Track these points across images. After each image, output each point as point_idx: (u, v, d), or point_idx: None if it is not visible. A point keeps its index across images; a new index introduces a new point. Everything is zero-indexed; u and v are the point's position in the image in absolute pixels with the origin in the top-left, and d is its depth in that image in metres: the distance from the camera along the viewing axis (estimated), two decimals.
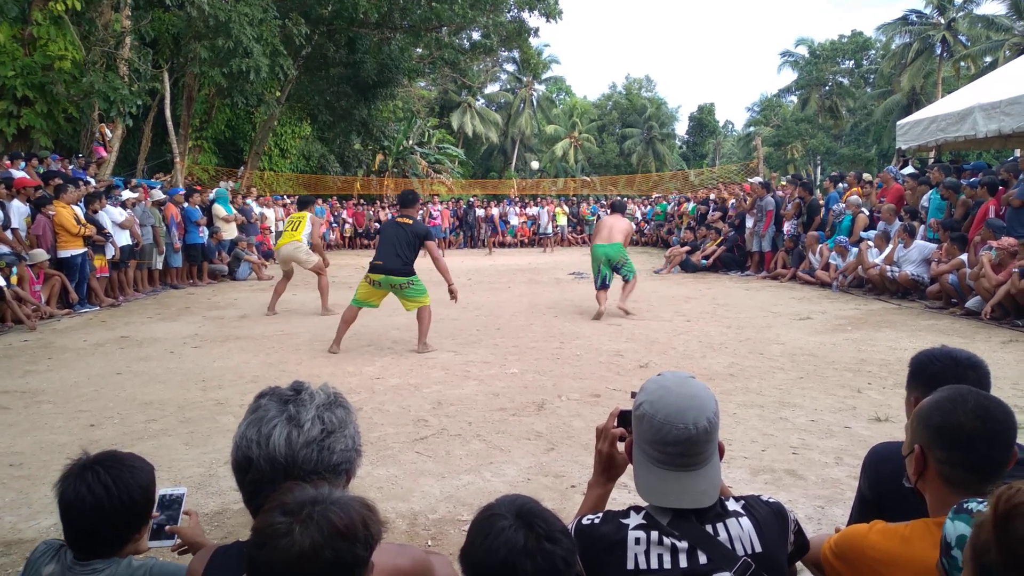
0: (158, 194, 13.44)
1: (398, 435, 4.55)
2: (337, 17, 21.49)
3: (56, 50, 13.09)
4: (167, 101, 17.60)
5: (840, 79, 53.89)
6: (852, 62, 54.02)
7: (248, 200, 17.30)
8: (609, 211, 10.70)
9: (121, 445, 4.34)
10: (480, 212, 27.55)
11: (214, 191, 16.17)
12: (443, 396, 5.48)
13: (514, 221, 27.66)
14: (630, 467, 1.77)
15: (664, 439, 1.58)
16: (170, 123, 17.88)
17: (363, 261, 20.24)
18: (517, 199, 31.88)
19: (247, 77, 15.93)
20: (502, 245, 27.08)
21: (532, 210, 27.92)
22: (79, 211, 10.47)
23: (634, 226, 10.68)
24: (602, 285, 9.42)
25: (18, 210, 9.67)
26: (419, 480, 3.83)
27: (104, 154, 15.57)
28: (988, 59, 35.68)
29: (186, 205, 13.84)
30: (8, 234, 9.29)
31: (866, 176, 14.59)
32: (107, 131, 15.91)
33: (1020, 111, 10.46)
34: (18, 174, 10.94)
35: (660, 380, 1.67)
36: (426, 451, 4.27)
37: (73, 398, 5.54)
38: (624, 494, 3.36)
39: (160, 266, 12.96)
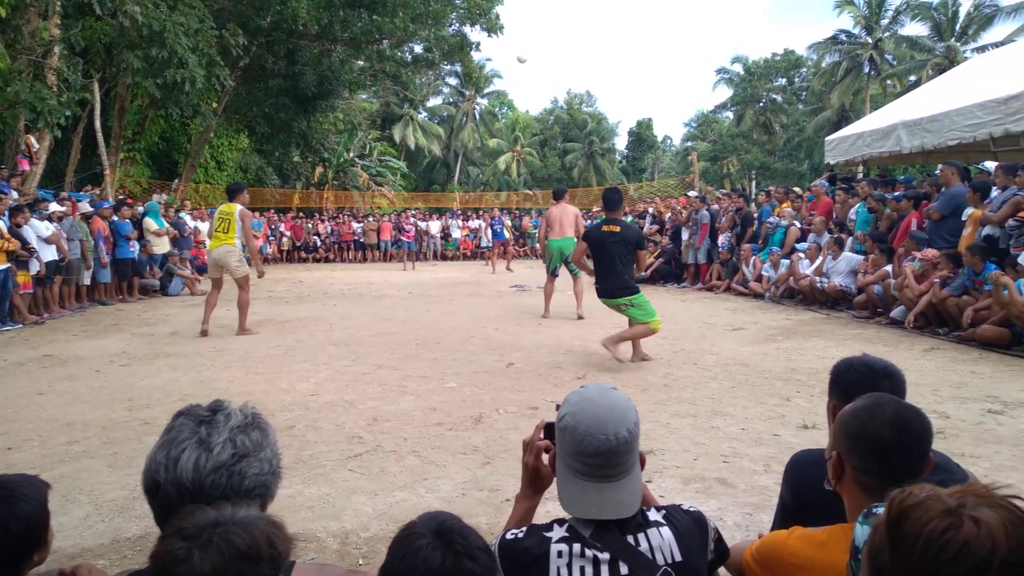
0: (86, 207, 13.00)
1: (331, 453, 4.48)
2: (276, 28, 21.20)
3: None
4: (97, 112, 17.08)
5: (774, 96, 55.49)
6: (785, 80, 55.69)
7: (182, 213, 16.89)
8: (554, 201, 10.91)
9: (40, 468, 4.18)
10: (423, 225, 27.45)
11: (145, 204, 15.75)
12: (379, 412, 5.42)
13: (456, 234, 27.64)
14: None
15: (585, 451, 1.59)
16: (100, 134, 17.35)
17: (301, 275, 20.07)
18: (460, 212, 31.88)
19: (182, 88, 15.55)
20: (444, 258, 27.04)
21: (475, 223, 27.96)
22: (2, 225, 10.07)
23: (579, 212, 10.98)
24: (553, 273, 10.48)
25: None
26: (352, 498, 3.78)
27: (27, 166, 15.01)
28: (913, 78, 37.22)
29: (115, 218, 13.43)
30: None
31: (796, 189, 15.03)
32: (33, 142, 15.36)
33: (940, 128, 10.93)
34: None
35: (582, 392, 1.69)
36: (360, 468, 4.21)
37: None
38: (556, 507, 3.38)
39: (88, 281, 12.52)
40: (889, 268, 9.43)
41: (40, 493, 1.69)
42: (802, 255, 11.51)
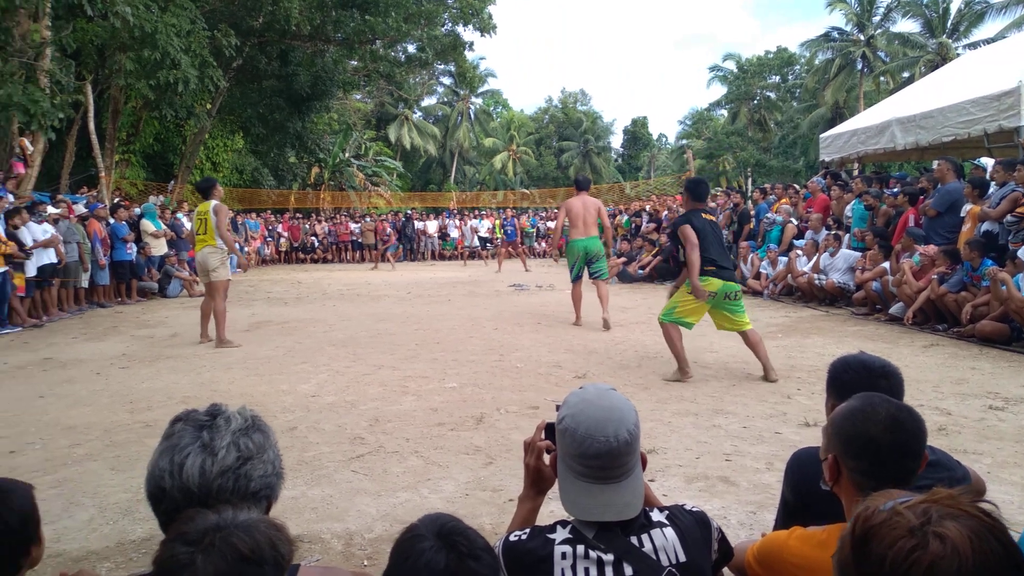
0: (82, 210, 12.97)
1: (333, 454, 4.48)
2: (269, 29, 21.15)
3: None
4: (91, 114, 17.02)
5: (768, 93, 55.55)
6: (778, 77, 55.75)
7: (179, 215, 16.86)
8: (576, 189, 9.57)
9: (43, 471, 4.18)
10: (419, 224, 27.45)
11: (142, 206, 15.71)
12: (380, 413, 5.42)
13: (454, 234, 27.64)
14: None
15: (586, 452, 1.60)
16: (94, 136, 17.28)
17: (299, 276, 20.06)
18: (456, 211, 31.88)
19: (175, 89, 15.50)
20: (442, 257, 27.04)
21: (473, 222, 27.97)
22: None
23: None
24: (577, 277, 9.45)
25: None
26: (355, 499, 3.78)
27: (22, 169, 14.95)
28: (906, 74, 37.26)
29: (112, 221, 13.40)
30: None
31: (794, 186, 15.06)
32: (27, 145, 15.29)
33: (934, 124, 10.96)
34: None
35: (581, 393, 1.69)
36: (362, 469, 4.22)
37: None
38: (559, 507, 3.38)
39: (86, 284, 12.50)
40: (887, 265, 9.46)
41: (27, 490, 1.70)
42: (799, 252, 11.53)
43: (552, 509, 2.64)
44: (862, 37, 42.63)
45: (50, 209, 12.00)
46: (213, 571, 1.10)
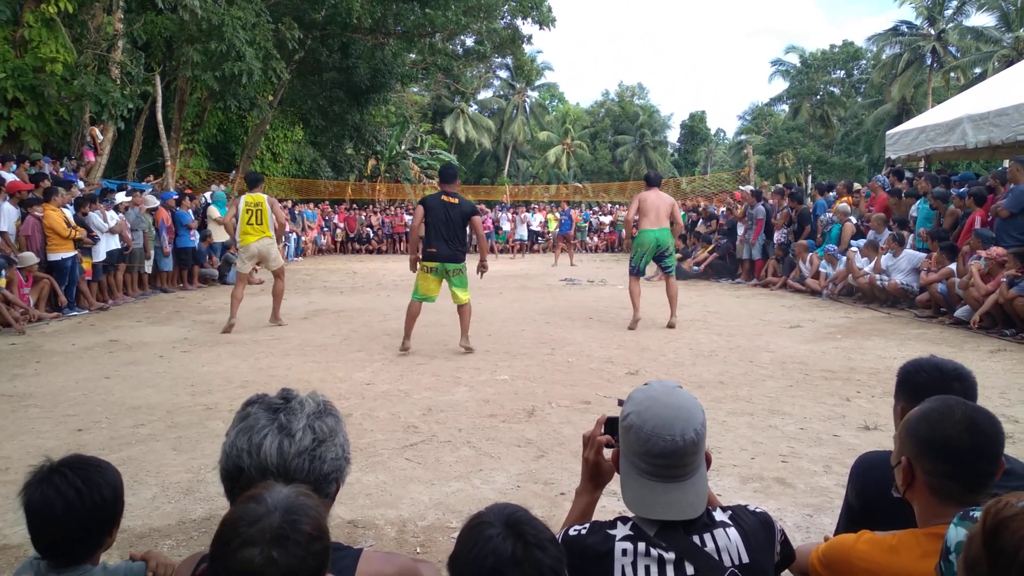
0: (150, 198, 13.38)
1: (387, 441, 4.54)
2: (331, 22, 21.48)
3: (48, 52, 13.02)
4: (159, 104, 17.53)
5: (831, 88, 54.19)
6: (843, 72, 54.35)
7: None
8: (646, 186, 9.28)
9: (109, 450, 4.32)
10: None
11: (211, 193, 16.13)
12: (433, 402, 5.47)
13: (506, 227, 27.68)
14: (618, 474, 1.77)
15: (651, 451, 1.57)
16: (161, 126, 17.82)
17: (355, 266, 20.33)
18: (509, 205, 31.92)
19: (239, 81, 15.90)
20: (492, 251, 27.11)
21: (524, 215, 27.99)
22: (69, 214, 10.42)
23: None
24: (636, 271, 8.96)
25: (7, 213, 9.60)
26: (408, 487, 3.82)
27: (92, 157, 15.49)
28: (978, 70, 35.95)
29: (177, 208, 13.79)
30: None
31: (856, 185, 14.68)
32: (98, 134, 15.84)
33: (1008, 122, 10.55)
34: (9, 177, 10.87)
35: (647, 390, 1.66)
36: (416, 457, 4.26)
37: (61, 402, 5.51)
38: (614, 502, 3.36)
39: (150, 270, 12.90)
40: (953, 266, 9.15)
41: (114, 468, 1.76)
42: (856, 251, 11.24)
43: (602, 504, 2.63)
44: (932, 31, 41.26)
45: (119, 196, 12.41)
46: (297, 558, 1.14)
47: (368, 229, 27.48)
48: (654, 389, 1.66)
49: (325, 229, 26.31)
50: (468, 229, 7.42)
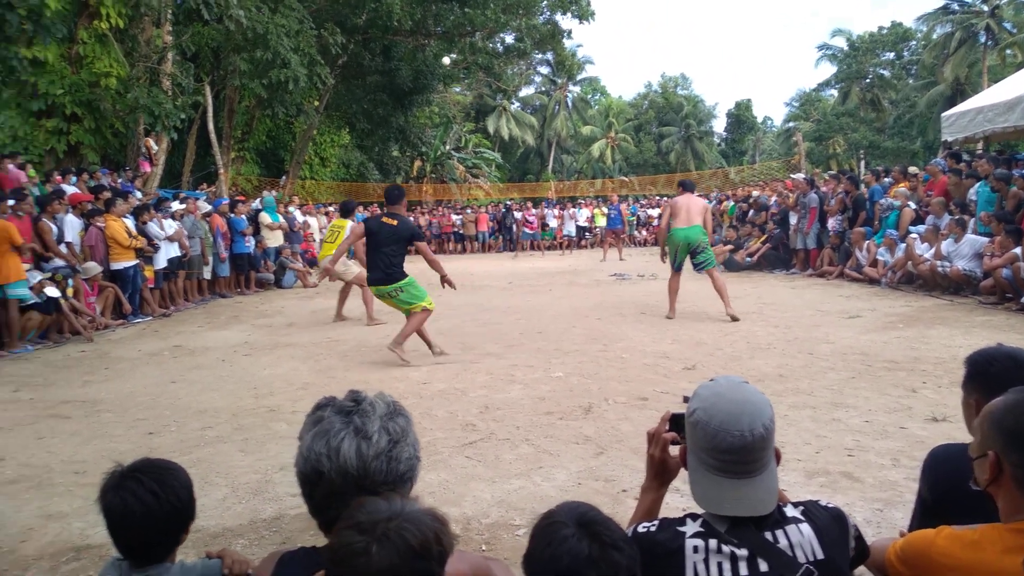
0: (204, 205, 13.72)
1: (447, 440, 4.59)
2: (372, 26, 21.74)
3: (102, 67, 13.45)
4: (209, 113, 17.98)
5: (881, 71, 52.77)
6: (893, 54, 52.87)
7: (291, 208, 17.56)
8: (680, 190, 9.62)
9: (179, 452, 4.45)
10: (518, 215, 27.59)
11: (261, 199, 16.46)
12: (489, 400, 5.51)
13: (553, 224, 27.62)
14: (683, 471, 1.77)
15: (719, 446, 1.56)
16: (213, 135, 18.27)
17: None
18: (555, 201, 31.85)
19: (286, 87, 16.20)
20: (537, 248, 27.06)
21: (571, 211, 27.88)
22: (130, 224, 10.74)
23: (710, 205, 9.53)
24: (677, 268, 9.20)
25: (72, 224, 9.96)
26: (470, 485, 3.86)
27: (148, 168, 15.95)
28: None
29: (232, 215, 14.10)
30: (63, 248, 9.58)
31: (912, 169, 14.28)
32: (153, 144, 16.30)
33: None
34: (70, 189, 11.27)
35: (713, 386, 1.65)
36: (475, 455, 4.30)
37: (131, 407, 5.69)
38: (676, 498, 3.34)
39: (208, 276, 13.22)
40: (1019, 250, 8.84)
41: (184, 469, 1.82)
42: (916, 237, 10.94)
43: (667, 501, 2.62)
44: (985, 8, 39.89)
45: (175, 205, 12.75)
46: (387, 562, 1.14)
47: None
48: (720, 385, 1.65)
49: None
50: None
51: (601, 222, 26.38)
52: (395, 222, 6.95)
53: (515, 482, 3.88)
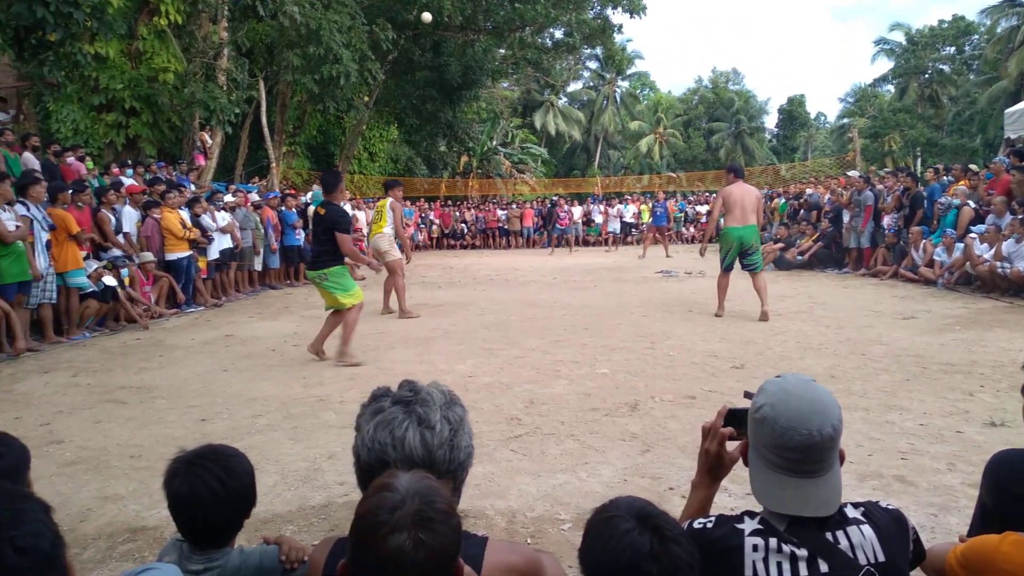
0: (256, 198, 13.98)
1: (493, 433, 4.60)
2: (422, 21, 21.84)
3: (160, 63, 13.79)
4: (263, 108, 18.29)
5: (940, 66, 51.21)
6: (953, 48, 51.26)
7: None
8: (732, 176, 9.05)
9: (231, 439, 4.54)
10: (564, 210, 27.50)
11: (310, 193, 16.71)
12: (535, 395, 5.51)
13: (598, 219, 27.47)
14: (734, 468, 1.75)
15: (786, 445, 1.54)
16: (266, 129, 18.58)
17: (451, 261, 20.66)
18: (601, 197, 31.66)
19: (337, 83, 16.38)
20: (586, 244, 26.94)
21: (617, 207, 27.69)
22: (185, 215, 11.01)
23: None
24: (727, 268, 8.96)
25: (129, 215, 10.25)
26: (515, 478, 3.86)
27: (202, 161, 16.31)
28: None
29: (282, 208, 14.34)
30: (120, 238, 9.86)
31: (972, 167, 13.86)
32: (207, 138, 16.66)
33: None
34: (127, 181, 11.60)
35: (781, 383, 1.62)
36: (521, 449, 4.30)
37: (184, 394, 5.83)
38: (724, 497, 3.30)
39: (259, 267, 13.48)
40: None
41: (245, 456, 1.85)
42: (975, 237, 10.60)
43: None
44: None
45: (228, 198, 13.02)
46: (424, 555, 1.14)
47: (462, 225, 27.83)
48: (788, 382, 1.62)
49: (421, 226, 26.79)
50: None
51: (648, 218, 26.15)
52: (323, 211, 6.95)
53: (560, 476, 3.88)
